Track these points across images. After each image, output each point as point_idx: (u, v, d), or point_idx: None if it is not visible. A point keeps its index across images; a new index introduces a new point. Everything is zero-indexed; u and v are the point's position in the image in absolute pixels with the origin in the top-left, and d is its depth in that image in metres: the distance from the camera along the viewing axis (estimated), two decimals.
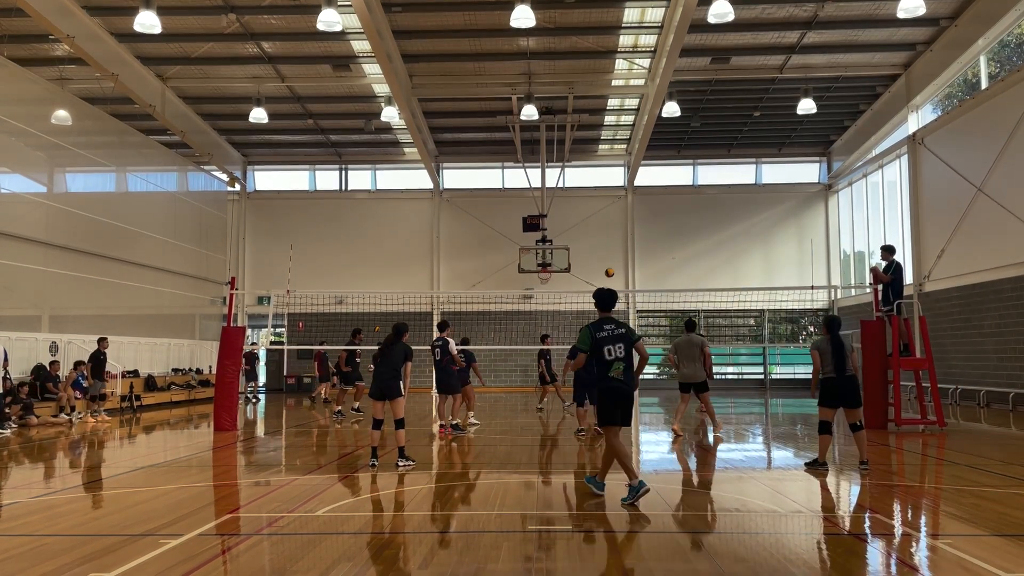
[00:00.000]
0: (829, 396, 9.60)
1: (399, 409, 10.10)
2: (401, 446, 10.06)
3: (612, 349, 7.49)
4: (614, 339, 7.52)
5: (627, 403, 7.53)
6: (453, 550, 5.91)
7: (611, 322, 7.67)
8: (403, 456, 9.98)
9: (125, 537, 6.20)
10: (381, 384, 10.15)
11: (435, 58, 22.72)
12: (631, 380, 7.58)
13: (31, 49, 20.75)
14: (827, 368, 9.56)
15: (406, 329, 10.56)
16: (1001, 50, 20.12)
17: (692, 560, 5.61)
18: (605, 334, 7.54)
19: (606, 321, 7.68)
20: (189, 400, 23.47)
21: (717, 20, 17.30)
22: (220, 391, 15.08)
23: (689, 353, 13.30)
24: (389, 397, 10.11)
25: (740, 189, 30.66)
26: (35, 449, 12.86)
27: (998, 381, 19.21)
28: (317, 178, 31.92)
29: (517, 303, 29.09)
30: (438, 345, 13.89)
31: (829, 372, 9.55)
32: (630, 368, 7.60)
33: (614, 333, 7.55)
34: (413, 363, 10.41)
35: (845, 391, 9.48)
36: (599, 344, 7.51)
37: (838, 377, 9.48)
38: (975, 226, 20.25)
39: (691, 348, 13.32)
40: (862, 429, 9.62)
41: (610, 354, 7.49)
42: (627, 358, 7.55)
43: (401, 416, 10.11)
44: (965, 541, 6.03)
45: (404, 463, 9.87)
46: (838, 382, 9.48)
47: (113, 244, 21.94)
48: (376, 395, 10.20)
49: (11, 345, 17.30)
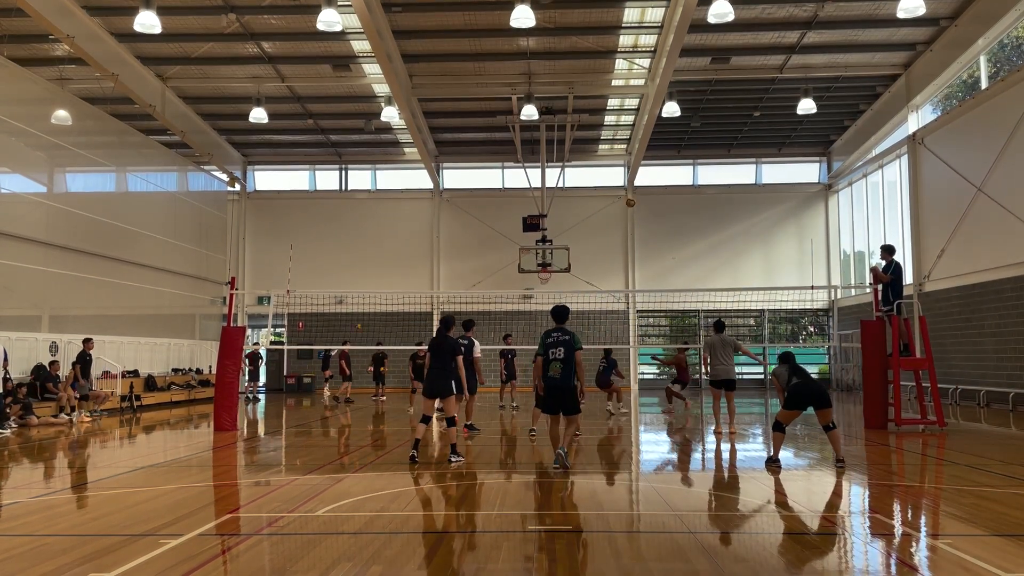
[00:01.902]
0: (796, 400, 9.81)
1: (449, 407, 10.17)
2: (452, 443, 10.16)
3: (554, 351, 9.33)
4: (557, 344, 9.35)
5: (560, 395, 9.32)
6: (453, 550, 5.91)
7: (559, 331, 9.48)
8: (455, 452, 10.06)
9: (125, 537, 6.19)
10: (432, 382, 10.14)
11: (435, 58, 22.72)
12: (568, 378, 9.27)
13: (31, 49, 20.74)
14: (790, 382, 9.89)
15: (453, 321, 10.62)
16: (1001, 50, 20.12)
17: (692, 560, 5.61)
18: (552, 340, 9.41)
19: (555, 330, 9.51)
20: (189, 400, 23.47)
21: (717, 20, 17.30)
22: (220, 391, 15.07)
23: (724, 352, 13.66)
24: (440, 395, 10.13)
25: (740, 189, 30.66)
26: (35, 449, 12.86)
27: (998, 381, 19.21)
28: (317, 178, 31.92)
29: (517, 303, 29.11)
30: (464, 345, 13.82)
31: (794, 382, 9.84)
32: (568, 368, 9.26)
33: (559, 340, 9.38)
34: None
35: (813, 393, 9.74)
36: (546, 347, 9.41)
37: (804, 383, 9.77)
38: (975, 226, 20.25)
39: (725, 347, 13.72)
40: (835, 429, 9.76)
41: (552, 355, 9.34)
42: (566, 360, 9.26)
43: (453, 414, 10.21)
44: (965, 541, 6.02)
45: (455, 459, 9.95)
46: (805, 387, 9.75)
47: (113, 244, 21.94)
48: (428, 394, 10.24)
49: (11, 345, 17.31)
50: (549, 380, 9.30)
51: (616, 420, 16.62)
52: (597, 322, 27.47)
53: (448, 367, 10.13)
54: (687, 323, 31.33)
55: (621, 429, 15.14)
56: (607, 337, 27.63)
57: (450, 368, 10.14)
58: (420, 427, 10.16)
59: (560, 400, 9.33)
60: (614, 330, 28.58)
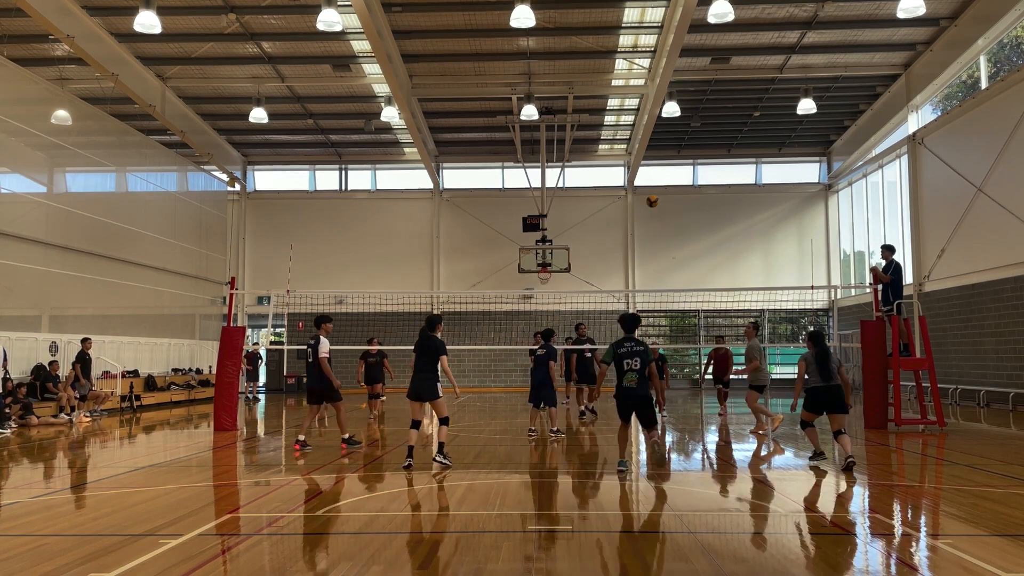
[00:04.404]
0: (814, 403, 9.86)
1: (440, 409, 9.80)
2: (441, 441, 9.80)
3: (629, 362, 9.21)
4: (632, 354, 9.22)
5: (638, 405, 9.20)
6: (453, 550, 5.91)
7: (632, 340, 9.36)
8: (441, 452, 9.71)
9: (125, 537, 6.19)
10: (416, 384, 9.74)
11: (435, 58, 22.71)
12: (644, 387, 9.21)
13: (31, 49, 20.74)
14: (813, 378, 9.82)
15: (438, 321, 10.14)
16: (1001, 50, 20.11)
17: (692, 560, 5.61)
18: (625, 350, 9.26)
19: (628, 339, 9.37)
20: (189, 400, 23.47)
21: (717, 20, 17.29)
22: (220, 391, 15.08)
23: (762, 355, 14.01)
24: (426, 399, 9.72)
25: (740, 189, 30.66)
26: (35, 449, 12.86)
27: (998, 381, 19.21)
28: (317, 178, 31.91)
29: (517, 303, 29.12)
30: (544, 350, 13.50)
31: (816, 382, 9.79)
32: (644, 378, 9.20)
33: (633, 350, 9.24)
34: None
35: (831, 398, 9.72)
36: (619, 357, 9.26)
37: (824, 386, 9.72)
38: (975, 226, 20.24)
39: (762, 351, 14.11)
40: (845, 435, 9.62)
41: (627, 365, 9.21)
42: (642, 370, 9.19)
43: (445, 415, 9.81)
44: (965, 541, 6.02)
45: (440, 459, 9.62)
46: (823, 391, 9.73)
47: (113, 244, 21.94)
48: (411, 395, 9.77)
49: (11, 345, 17.31)
50: (625, 390, 9.21)
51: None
52: (597, 322, 27.42)
53: (434, 368, 9.76)
54: (687, 323, 31.32)
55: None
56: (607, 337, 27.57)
57: (436, 369, 9.77)
58: (412, 433, 9.77)
59: (637, 410, 9.22)
60: (614, 330, 28.52)
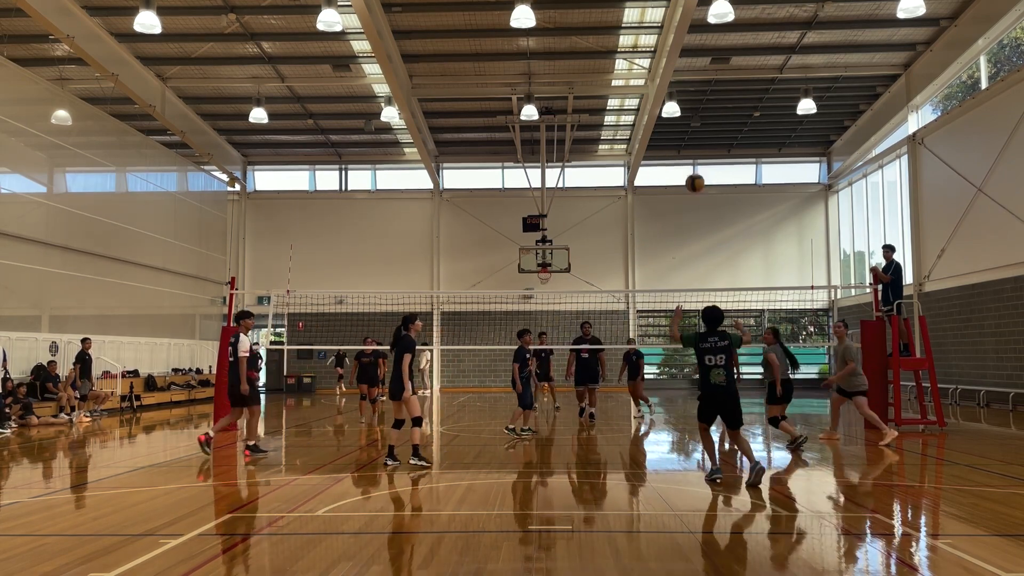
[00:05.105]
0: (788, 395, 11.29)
1: (410, 408, 9.70)
2: (415, 444, 9.71)
3: (712, 358, 8.65)
4: (715, 350, 8.66)
5: (725, 403, 8.61)
6: (453, 550, 5.91)
7: (717, 335, 8.74)
8: (416, 454, 9.65)
9: (125, 537, 6.19)
10: (391, 384, 9.89)
11: (435, 58, 22.72)
12: (732, 383, 8.68)
13: (31, 49, 20.74)
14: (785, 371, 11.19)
15: (412, 319, 10.09)
16: (1001, 50, 20.11)
17: (692, 560, 5.61)
18: (708, 345, 8.70)
19: (712, 334, 8.76)
20: (189, 400, 23.46)
21: (717, 20, 17.30)
22: (220, 391, 15.07)
23: (858, 358, 13.97)
24: (394, 397, 9.79)
25: (740, 189, 30.66)
26: (35, 449, 12.85)
27: (998, 381, 19.21)
28: (317, 178, 31.92)
29: (517, 303, 29.11)
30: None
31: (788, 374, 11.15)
32: (731, 374, 8.71)
33: (717, 346, 8.68)
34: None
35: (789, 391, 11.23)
36: (702, 352, 8.69)
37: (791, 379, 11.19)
38: (975, 226, 20.24)
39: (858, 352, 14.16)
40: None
41: (710, 361, 8.65)
42: (727, 366, 8.67)
43: (416, 415, 9.69)
44: (965, 541, 6.02)
45: (416, 461, 9.57)
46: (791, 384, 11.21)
47: (113, 244, 21.94)
48: (390, 395, 9.98)
49: (11, 345, 17.31)
50: (713, 388, 8.63)
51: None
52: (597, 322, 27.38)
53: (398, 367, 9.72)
54: (687, 323, 31.26)
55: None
56: (607, 337, 27.58)
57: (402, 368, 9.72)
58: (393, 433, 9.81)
59: (724, 408, 8.64)
60: (614, 330, 28.56)
